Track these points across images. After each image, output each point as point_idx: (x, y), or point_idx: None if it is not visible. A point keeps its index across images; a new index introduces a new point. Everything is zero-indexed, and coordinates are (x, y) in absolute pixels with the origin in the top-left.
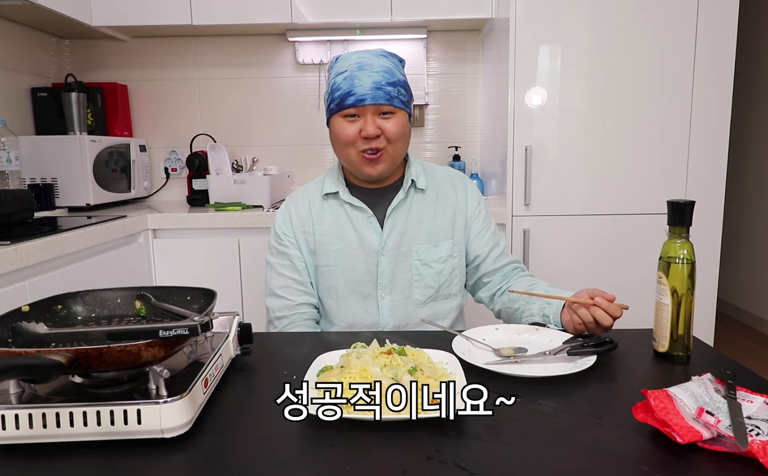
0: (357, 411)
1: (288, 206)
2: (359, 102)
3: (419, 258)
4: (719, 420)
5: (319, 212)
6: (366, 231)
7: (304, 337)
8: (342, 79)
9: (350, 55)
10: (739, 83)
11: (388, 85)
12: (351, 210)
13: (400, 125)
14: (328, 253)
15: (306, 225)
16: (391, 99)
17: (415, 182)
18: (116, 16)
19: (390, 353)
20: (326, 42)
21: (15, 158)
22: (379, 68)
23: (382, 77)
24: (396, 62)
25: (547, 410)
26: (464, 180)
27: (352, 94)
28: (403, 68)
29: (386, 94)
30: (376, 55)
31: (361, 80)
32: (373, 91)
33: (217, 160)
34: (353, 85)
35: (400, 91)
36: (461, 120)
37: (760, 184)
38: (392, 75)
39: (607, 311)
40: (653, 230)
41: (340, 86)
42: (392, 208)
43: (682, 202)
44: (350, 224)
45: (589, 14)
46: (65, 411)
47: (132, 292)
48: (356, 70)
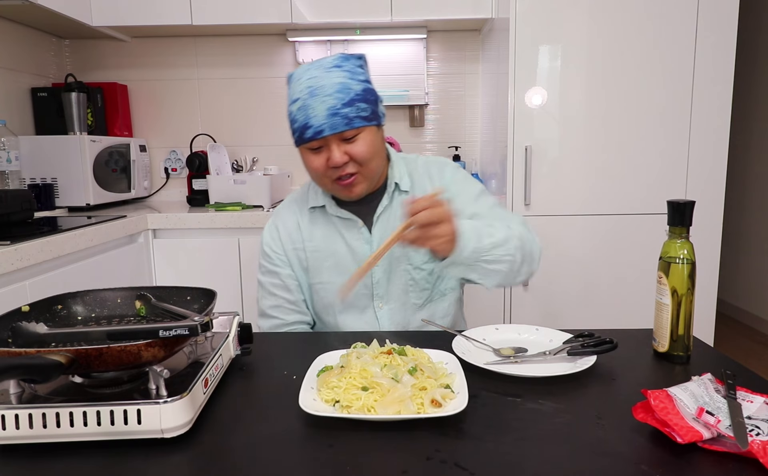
0: (357, 411)
1: (275, 222)
2: (318, 135)
3: (410, 262)
4: (719, 420)
5: (309, 227)
6: (357, 243)
7: (304, 337)
8: (296, 110)
9: (301, 73)
10: (739, 83)
11: (344, 108)
12: (340, 222)
13: (368, 143)
14: (320, 270)
15: (296, 242)
16: (351, 122)
17: (398, 184)
18: (116, 16)
19: (390, 353)
20: (326, 42)
21: (15, 158)
22: (331, 89)
23: (336, 100)
24: (353, 68)
25: (547, 410)
26: (441, 166)
27: (308, 126)
28: (365, 66)
29: (344, 118)
30: (327, 69)
31: (315, 109)
32: (330, 119)
33: (217, 160)
34: (308, 117)
35: (359, 108)
36: (461, 120)
37: (760, 184)
38: (347, 91)
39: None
40: (653, 230)
41: (296, 118)
42: (378, 215)
43: (682, 202)
44: (341, 238)
45: (589, 14)
46: (65, 411)
47: (132, 292)
48: (308, 98)
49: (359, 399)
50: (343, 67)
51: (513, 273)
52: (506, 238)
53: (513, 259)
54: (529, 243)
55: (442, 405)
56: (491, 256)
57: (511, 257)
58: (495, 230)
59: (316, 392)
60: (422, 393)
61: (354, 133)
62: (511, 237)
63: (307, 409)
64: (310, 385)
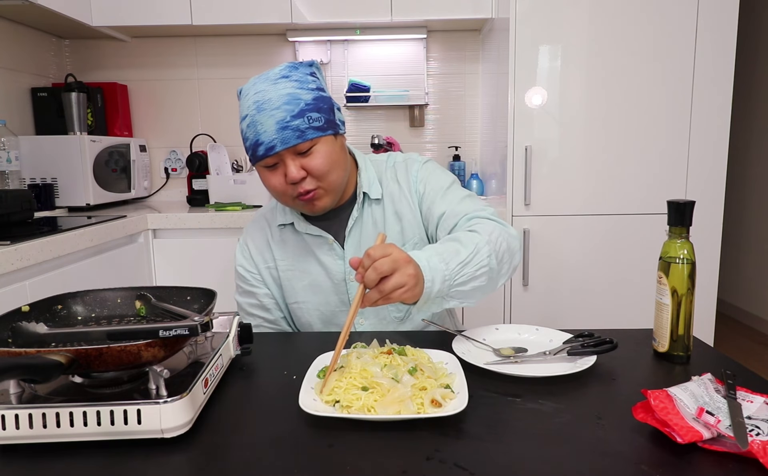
0: (357, 411)
1: (245, 241)
2: (270, 152)
3: None
4: (719, 420)
5: (279, 245)
6: (329, 259)
7: (304, 337)
8: (246, 127)
9: (249, 88)
10: (739, 83)
11: (294, 120)
12: (311, 240)
13: (325, 155)
14: (295, 290)
15: (268, 260)
16: (303, 134)
17: (367, 194)
18: (116, 16)
19: (390, 353)
20: (326, 42)
21: (15, 158)
22: (278, 101)
23: (284, 112)
24: (302, 76)
25: (547, 410)
26: (406, 165)
27: (259, 143)
28: (318, 73)
29: (295, 131)
30: (273, 81)
31: (264, 125)
32: (280, 133)
33: (217, 160)
34: (258, 133)
35: (310, 119)
36: (461, 120)
37: (760, 184)
38: (296, 102)
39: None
40: (653, 230)
41: (247, 135)
42: (349, 229)
43: (682, 202)
44: (313, 256)
45: (589, 14)
46: (65, 411)
47: (132, 292)
48: (256, 114)
49: (359, 399)
50: (290, 77)
51: (494, 280)
52: (475, 249)
53: (489, 267)
54: (502, 239)
55: (442, 405)
56: (464, 276)
57: (486, 268)
58: (460, 244)
59: (316, 392)
60: (422, 393)
61: (308, 145)
62: (480, 245)
63: (307, 409)
64: (310, 385)
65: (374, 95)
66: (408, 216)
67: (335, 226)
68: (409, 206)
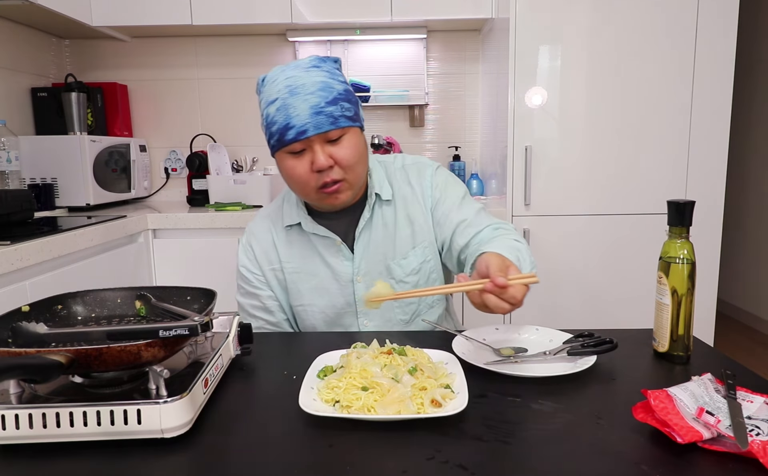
0: (357, 411)
1: (249, 241)
2: (301, 135)
3: (392, 277)
4: (719, 420)
5: (285, 246)
6: (336, 261)
7: (304, 337)
8: (275, 110)
9: (277, 74)
10: (739, 83)
11: (328, 106)
12: (318, 241)
13: (354, 145)
14: (301, 292)
15: (273, 262)
16: (336, 121)
17: (379, 195)
18: (116, 16)
19: (390, 353)
20: (326, 42)
21: (15, 158)
22: (313, 87)
23: (319, 98)
24: (331, 68)
25: (547, 410)
26: (419, 169)
27: (290, 126)
28: (341, 69)
29: (329, 117)
30: (306, 68)
31: (297, 108)
32: (314, 118)
33: (217, 160)
34: (289, 116)
35: (343, 107)
36: (461, 120)
37: (760, 184)
38: (330, 90)
39: (500, 297)
40: (653, 230)
41: (275, 119)
42: (360, 231)
43: (682, 202)
44: (319, 257)
45: (589, 14)
46: (65, 411)
47: (132, 292)
48: (288, 97)
49: (359, 399)
50: (321, 67)
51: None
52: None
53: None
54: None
55: (442, 405)
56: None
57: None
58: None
59: (316, 392)
60: (422, 393)
61: (339, 133)
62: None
63: (307, 409)
64: (310, 385)
65: (374, 95)
66: (420, 220)
67: (343, 227)
68: (422, 211)
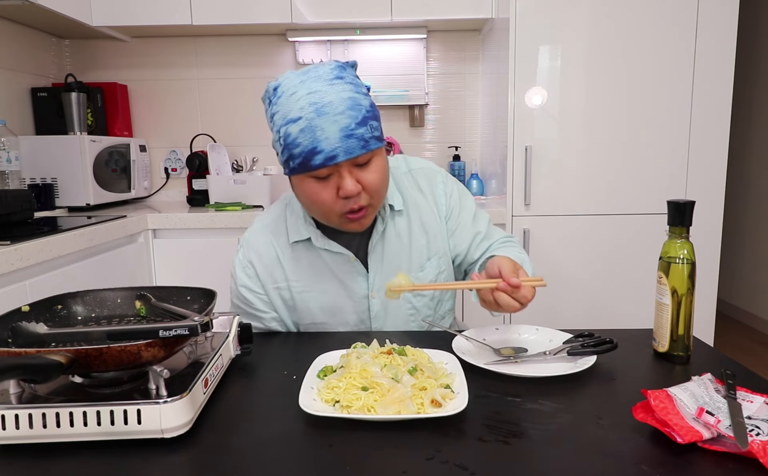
0: (357, 411)
1: (248, 257)
2: (330, 161)
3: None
4: (719, 420)
5: (292, 263)
6: (350, 277)
7: (304, 337)
8: (299, 131)
9: (296, 86)
10: (739, 83)
11: (359, 128)
12: (329, 257)
13: (381, 169)
14: (312, 311)
15: (278, 280)
16: (367, 144)
17: (392, 205)
18: (116, 16)
19: (390, 353)
20: (326, 42)
21: (15, 158)
22: (341, 105)
23: (349, 118)
24: (354, 78)
25: (547, 410)
26: (430, 178)
27: (317, 151)
28: (357, 73)
29: (359, 140)
30: (329, 81)
31: (326, 131)
32: (344, 142)
33: (217, 160)
34: (317, 140)
35: (372, 127)
36: (461, 120)
37: (760, 184)
38: (359, 108)
39: (512, 296)
40: (653, 230)
41: (298, 141)
42: (374, 245)
43: (682, 202)
44: (331, 274)
45: (589, 14)
46: (65, 411)
47: (132, 292)
48: (315, 117)
49: (359, 399)
50: (345, 78)
51: None
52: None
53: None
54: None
55: (442, 405)
56: None
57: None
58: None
59: (316, 392)
60: (422, 393)
61: (368, 157)
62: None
63: (307, 409)
64: (310, 385)
65: (374, 95)
66: (434, 229)
67: (355, 241)
68: (436, 220)
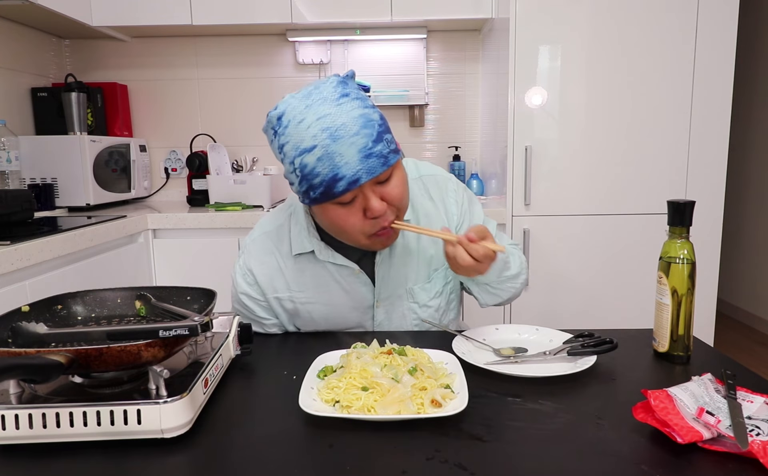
0: (357, 411)
1: (249, 265)
2: (353, 186)
3: (416, 301)
4: (719, 420)
5: (295, 274)
6: (355, 288)
7: (304, 337)
8: (316, 161)
9: (303, 114)
10: (739, 83)
11: (376, 145)
12: (334, 268)
13: (402, 181)
14: (315, 320)
15: (279, 290)
16: (386, 160)
17: None
18: (116, 16)
19: (390, 354)
20: (326, 42)
21: (15, 158)
22: (354, 126)
23: (365, 138)
24: (358, 92)
25: (547, 410)
26: (439, 185)
27: (339, 178)
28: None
29: (379, 157)
30: (335, 102)
31: (344, 156)
32: (364, 162)
33: (217, 160)
34: (336, 166)
35: (387, 141)
36: (461, 120)
37: (760, 184)
38: (371, 124)
39: (467, 250)
40: (653, 230)
41: (317, 171)
42: (381, 258)
43: (682, 202)
44: (337, 285)
45: (589, 14)
46: (65, 411)
47: (132, 292)
48: (331, 144)
49: (359, 399)
50: (350, 95)
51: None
52: (518, 272)
53: (516, 292)
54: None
55: (442, 405)
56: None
57: (515, 290)
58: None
59: (316, 392)
60: (422, 393)
61: (389, 172)
62: (522, 272)
63: (307, 409)
64: (310, 385)
65: (374, 95)
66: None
67: (360, 253)
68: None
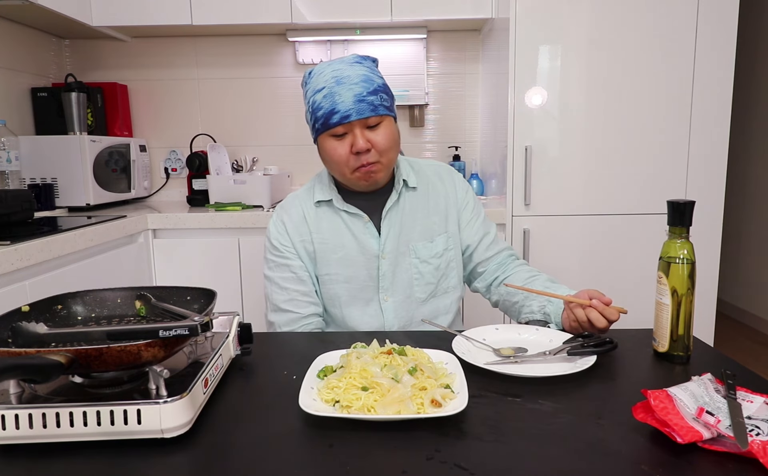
0: (357, 411)
1: (281, 216)
2: (344, 119)
3: (417, 256)
4: (719, 420)
5: (315, 220)
6: (364, 237)
7: (304, 337)
8: (322, 98)
9: (324, 68)
10: (739, 83)
11: (369, 95)
12: (347, 217)
13: (389, 133)
14: (328, 262)
15: (303, 234)
16: (376, 109)
17: (406, 181)
18: (116, 16)
19: (390, 354)
20: (326, 42)
21: (15, 158)
22: (357, 78)
23: (362, 88)
24: (371, 65)
25: (547, 410)
26: (451, 172)
27: (335, 112)
28: (377, 67)
29: (369, 105)
30: (350, 63)
31: (342, 96)
32: (357, 104)
33: (217, 160)
34: (335, 103)
35: (382, 98)
36: (461, 120)
37: (760, 184)
38: (371, 82)
39: (602, 313)
40: (653, 230)
41: (321, 105)
42: (387, 210)
43: (682, 202)
44: (348, 232)
45: (589, 14)
46: (65, 411)
47: (132, 292)
48: (335, 86)
49: (359, 399)
50: (363, 63)
51: None
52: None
53: None
54: None
55: (442, 405)
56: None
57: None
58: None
59: (316, 392)
60: (422, 393)
61: (377, 120)
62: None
63: (307, 409)
64: (310, 385)
65: None
66: (448, 211)
67: (372, 208)
68: (453, 206)
